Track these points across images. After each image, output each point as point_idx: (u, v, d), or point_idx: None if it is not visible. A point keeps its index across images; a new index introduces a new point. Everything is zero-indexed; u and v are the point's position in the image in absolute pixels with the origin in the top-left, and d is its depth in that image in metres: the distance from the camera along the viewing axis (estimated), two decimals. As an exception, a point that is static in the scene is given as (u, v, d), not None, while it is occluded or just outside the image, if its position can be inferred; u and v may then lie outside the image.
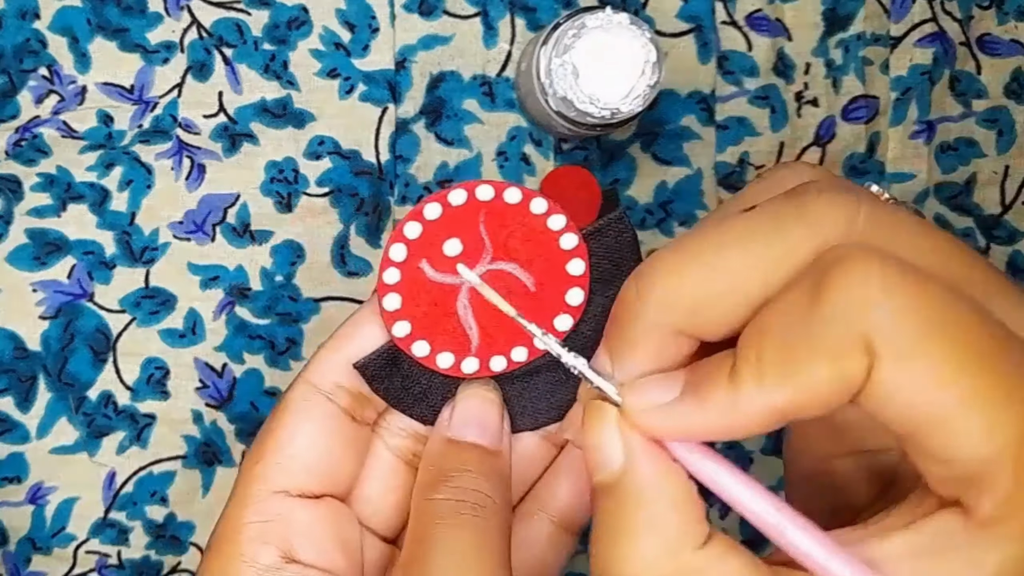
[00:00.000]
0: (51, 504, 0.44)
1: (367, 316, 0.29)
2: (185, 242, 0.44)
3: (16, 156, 0.43)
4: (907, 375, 0.20)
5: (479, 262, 0.28)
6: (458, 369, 0.29)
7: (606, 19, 0.38)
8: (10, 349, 0.43)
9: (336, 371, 0.29)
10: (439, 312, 0.28)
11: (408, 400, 0.29)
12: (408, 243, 0.27)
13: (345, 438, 0.29)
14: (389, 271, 0.28)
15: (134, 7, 0.43)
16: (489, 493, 0.27)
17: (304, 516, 0.28)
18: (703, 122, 0.45)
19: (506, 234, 0.28)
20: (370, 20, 0.44)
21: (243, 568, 0.27)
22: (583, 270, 0.28)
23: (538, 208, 0.28)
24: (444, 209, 0.27)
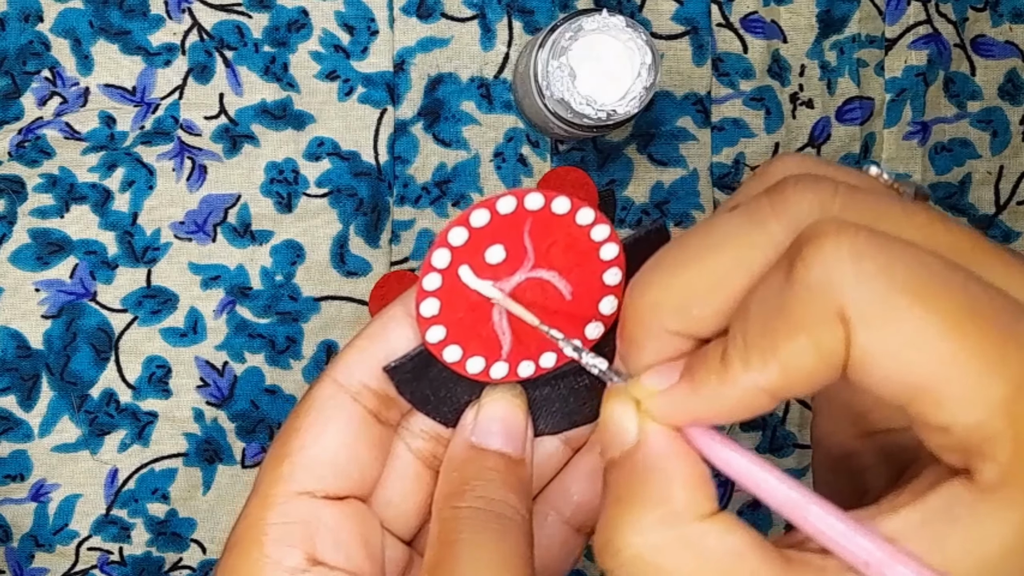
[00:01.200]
0: (53, 501, 0.44)
1: (396, 317, 0.28)
2: (186, 242, 0.44)
3: (19, 157, 0.43)
4: (885, 342, 0.20)
5: (519, 269, 0.28)
6: (487, 374, 0.28)
7: (602, 21, 0.38)
8: (13, 348, 0.44)
9: (363, 371, 0.28)
10: (475, 318, 0.28)
11: (433, 403, 0.29)
12: (452, 249, 0.27)
13: (370, 439, 0.28)
14: (430, 276, 0.27)
15: (136, 10, 0.44)
16: (514, 504, 0.27)
17: (329, 518, 0.27)
18: (699, 123, 0.45)
19: (549, 243, 0.28)
20: (369, 23, 0.44)
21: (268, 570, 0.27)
22: (619, 280, 0.28)
23: (584, 219, 0.28)
24: (492, 216, 0.27)
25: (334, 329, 0.45)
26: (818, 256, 0.20)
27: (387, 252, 0.45)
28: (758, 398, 0.22)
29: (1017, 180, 0.46)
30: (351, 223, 0.44)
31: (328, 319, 0.44)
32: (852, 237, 0.20)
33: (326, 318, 0.44)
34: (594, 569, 0.46)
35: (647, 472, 0.23)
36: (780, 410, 0.47)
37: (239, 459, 0.45)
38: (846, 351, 0.20)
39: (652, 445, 0.23)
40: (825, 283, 0.20)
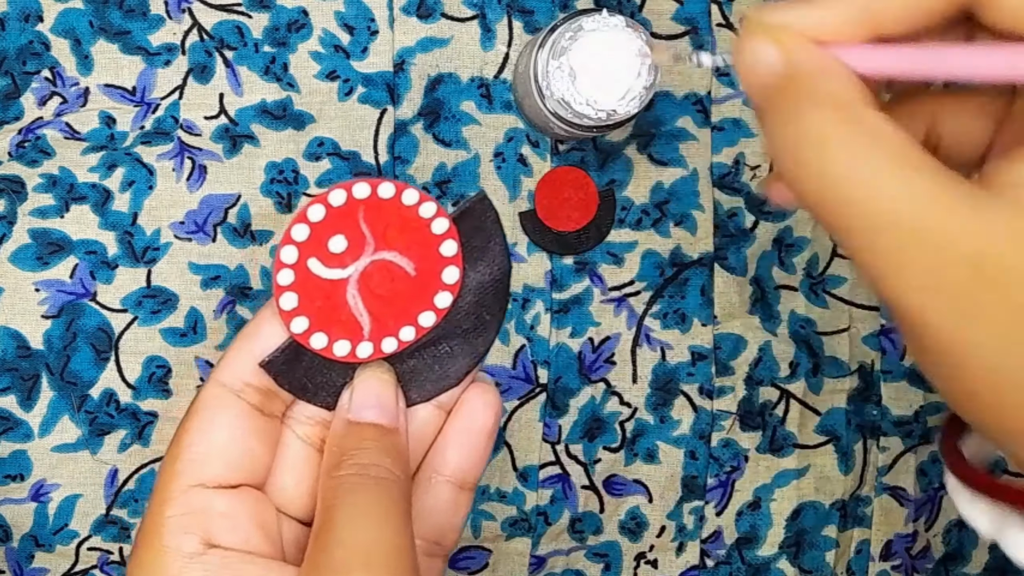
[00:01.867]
0: (53, 501, 0.44)
1: (267, 315, 0.31)
2: (186, 242, 0.44)
3: (19, 157, 0.43)
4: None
5: (363, 254, 0.30)
6: (354, 355, 0.31)
7: (603, 21, 0.38)
8: (13, 348, 0.44)
9: (243, 370, 0.30)
10: (332, 305, 0.30)
11: (312, 390, 0.31)
12: (297, 245, 0.30)
13: (257, 431, 0.31)
14: (283, 272, 0.30)
15: (136, 10, 0.44)
16: (390, 467, 0.29)
17: (222, 505, 0.30)
18: (699, 123, 0.45)
19: (384, 226, 0.30)
20: (369, 23, 0.44)
21: (168, 558, 0.29)
22: (456, 250, 0.31)
23: (410, 199, 0.30)
24: (327, 209, 0.30)
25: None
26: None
27: (387, 252, 0.45)
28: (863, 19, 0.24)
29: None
30: (351, 223, 0.44)
31: (328, 319, 0.44)
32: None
33: (326, 318, 0.44)
34: (594, 569, 0.47)
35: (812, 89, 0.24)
36: (780, 410, 0.47)
37: (239, 459, 0.45)
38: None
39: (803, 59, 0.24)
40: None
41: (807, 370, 0.47)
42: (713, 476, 0.47)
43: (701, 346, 0.46)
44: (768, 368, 0.47)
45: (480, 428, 0.32)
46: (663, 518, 0.47)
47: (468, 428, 0.32)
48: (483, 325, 0.32)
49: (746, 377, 0.47)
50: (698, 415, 0.46)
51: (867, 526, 0.48)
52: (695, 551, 0.47)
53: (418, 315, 0.31)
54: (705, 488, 0.47)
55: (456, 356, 0.32)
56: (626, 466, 0.46)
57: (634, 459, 0.46)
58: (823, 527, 0.48)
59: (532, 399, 0.45)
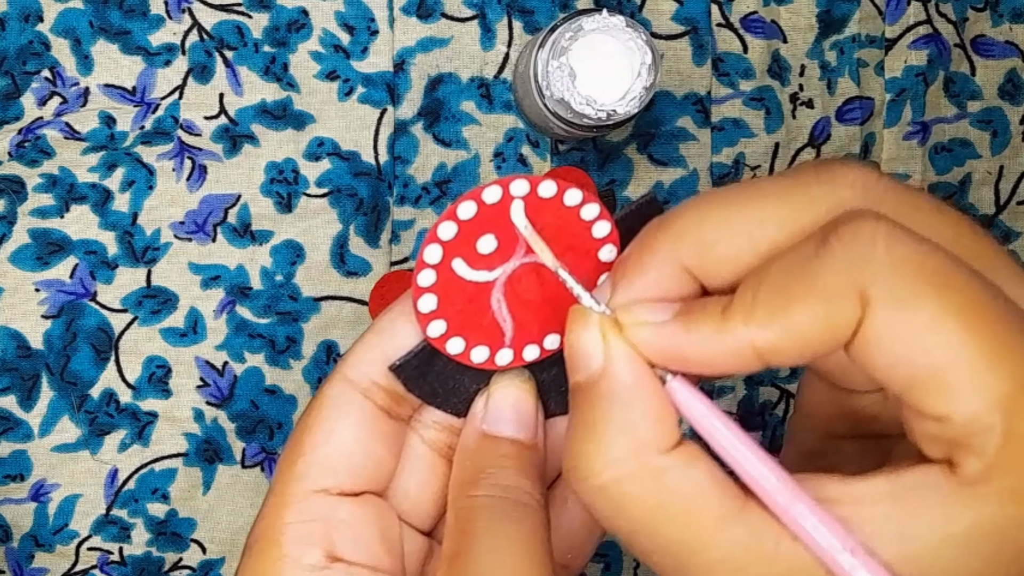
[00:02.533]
0: (53, 501, 0.44)
1: (402, 312, 0.29)
2: (186, 242, 0.44)
3: (19, 157, 0.43)
4: (900, 324, 0.21)
5: (513, 256, 0.28)
6: (493, 362, 0.29)
7: (603, 21, 0.38)
8: (13, 348, 0.44)
9: (372, 369, 0.28)
10: (473, 309, 0.28)
11: (443, 396, 0.29)
12: (443, 244, 0.27)
13: (382, 435, 0.29)
14: (424, 273, 0.27)
15: (136, 9, 0.44)
16: (530, 491, 0.27)
17: (346, 514, 0.28)
18: (699, 124, 0.45)
19: (539, 227, 0.28)
20: (369, 23, 0.44)
21: (288, 568, 0.27)
22: (615, 255, 0.28)
23: (572, 200, 0.28)
24: (479, 207, 0.27)
25: (334, 329, 0.45)
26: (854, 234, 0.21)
27: (387, 252, 0.45)
28: (746, 356, 0.22)
29: (1017, 180, 0.46)
30: (351, 223, 0.44)
31: (328, 319, 0.44)
32: (888, 229, 0.21)
33: (326, 318, 0.44)
34: (594, 569, 0.47)
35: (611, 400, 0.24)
36: (780, 410, 0.47)
37: (239, 459, 0.45)
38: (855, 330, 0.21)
39: (617, 373, 0.24)
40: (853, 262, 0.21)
41: (807, 370, 0.47)
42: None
43: (701, 346, 0.46)
44: (768, 368, 0.47)
45: None
46: (663, 518, 0.47)
47: None
48: None
49: (746, 377, 0.46)
50: (698, 415, 0.46)
51: (867, 526, 0.48)
52: (695, 551, 0.47)
53: None
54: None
55: None
56: (626, 466, 0.46)
57: (634, 459, 0.46)
58: (823, 527, 0.47)
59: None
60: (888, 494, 0.22)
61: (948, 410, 0.21)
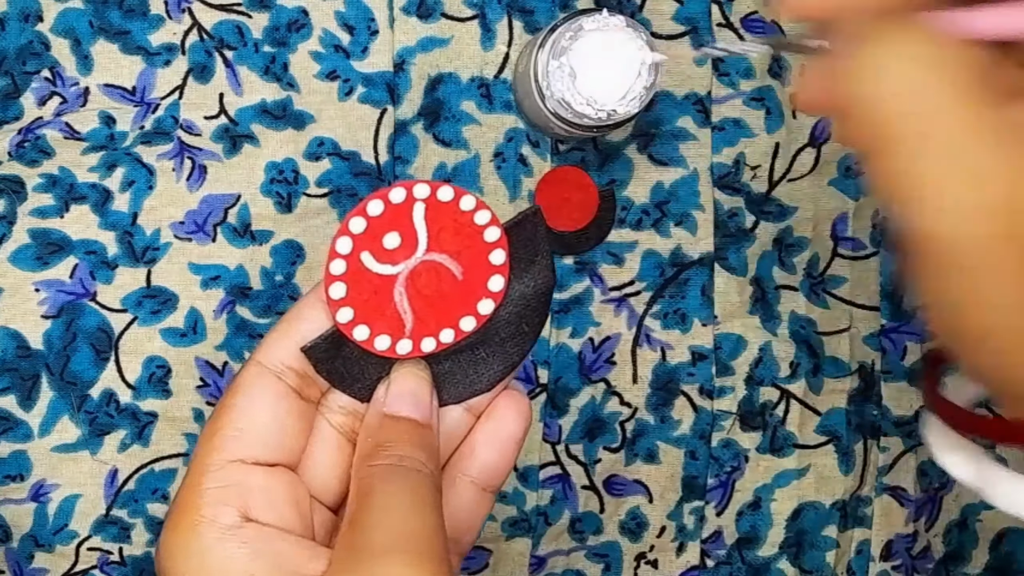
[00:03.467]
0: (53, 502, 0.44)
1: (312, 302, 0.31)
2: (186, 242, 0.44)
3: (19, 157, 0.43)
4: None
5: (414, 253, 0.31)
6: (394, 351, 0.32)
7: (603, 21, 0.38)
8: (13, 348, 0.44)
9: (285, 353, 0.31)
10: (379, 299, 0.31)
11: (348, 380, 0.32)
12: (353, 237, 0.30)
13: (294, 412, 0.31)
14: (335, 262, 0.30)
15: (136, 9, 0.44)
16: (424, 460, 0.30)
17: (260, 481, 0.30)
18: (699, 123, 0.45)
19: (438, 228, 0.31)
20: (369, 23, 0.44)
21: (205, 528, 0.29)
22: (504, 259, 0.31)
23: (467, 205, 0.31)
24: (385, 206, 0.30)
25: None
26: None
27: (387, 252, 0.45)
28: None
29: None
30: (351, 223, 0.44)
31: (328, 319, 0.44)
32: None
33: (326, 318, 0.44)
34: (595, 569, 0.47)
35: None
36: (780, 410, 0.47)
37: (239, 459, 0.45)
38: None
39: None
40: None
41: (807, 370, 0.47)
42: (713, 476, 0.47)
43: (701, 346, 0.46)
44: (768, 368, 0.47)
45: (509, 435, 0.33)
46: (663, 518, 0.47)
47: (497, 433, 0.33)
48: (521, 335, 0.32)
49: (746, 377, 0.46)
50: (698, 415, 0.46)
51: (867, 526, 0.48)
52: (695, 551, 0.47)
53: (460, 319, 0.32)
54: (705, 488, 0.47)
55: (491, 362, 0.33)
56: (626, 466, 0.46)
57: (634, 459, 0.46)
58: (823, 527, 0.47)
59: (532, 399, 0.45)
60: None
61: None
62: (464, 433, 0.33)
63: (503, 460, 0.33)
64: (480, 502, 0.33)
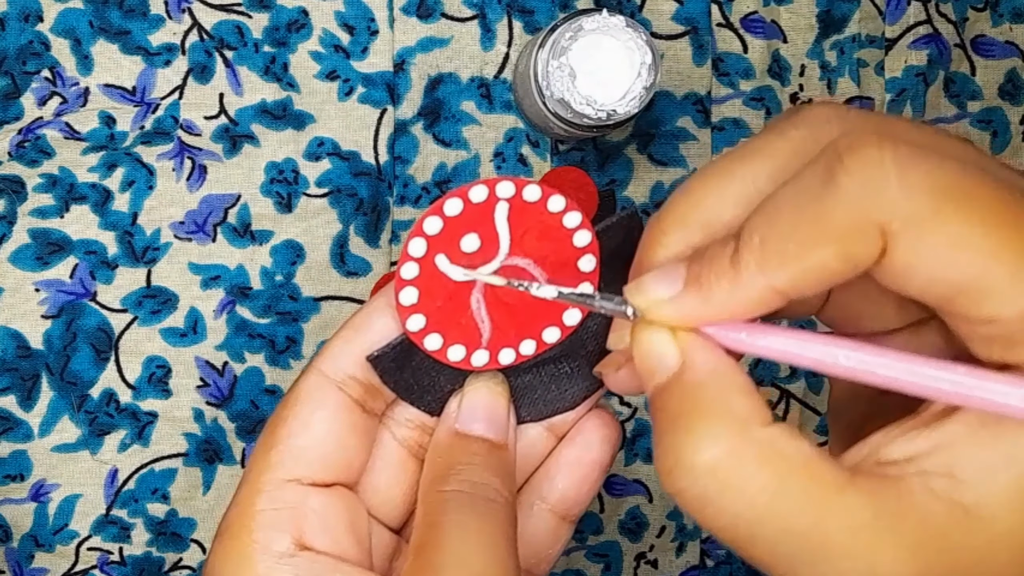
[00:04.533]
0: (53, 501, 0.44)
1: (379, 307, 0.29)
2: (186, 242, 0.44)
3: (19, 157, 0.43)
4: (928, 247, 0.21)
5: (495, 257, 0.28)
6: (468, 362, 0.29)
7: (603, 21, 0.38)
8: (13, 348, 0.44)
9: (348, 362, 0.29)
10: (453, 306, 0.28)
11: (417, 392, 0.29)
12: (428, 238, 0.28)
13: (356, 428, 0.29)
14: (407, 265, 0.28)
15: (136, 10, 0.44)
16: (499, 488, 0.28)
17: (317, 504, 0.28)
18: (699, 124, 0.45)
19: (523, 230, 0.28)
20: (369, 23, 0.44)
21: (256, 555, 0.27)
22: (594, 266, 0.29)
23: (555, 206, 0.28)
24: (464, 205, 0.27)
25: (334, 329, 0.44)
26: (861, 165, 0.21)
27: (387, 252, 0.45)
28: (770, 298, 0.22)
29: (1017, 180, 0.46)
30: (351, 223, 0.44)
31: (328, 319, 0.44)
32: (894, 148, 0.21)
33: (326, 318, 0.44)
34: (594, 569, 0.47)
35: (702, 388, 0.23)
36: (780, 410, 0.47)
37: (239, 459, 0.45)
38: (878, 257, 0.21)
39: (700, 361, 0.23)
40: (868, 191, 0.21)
41: (807, 370, 0.47)
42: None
43: (701, 346, 0.46)
44: (768, 368, 0.47)
45: (594, 460, 0.30)
46: (663, 518, 0.47)
47: (580, 458, 0.30)
48: (609, 351, 0.29)
49: (746, 377, 0.46)
50: (698, 415, 0.46)
51: (867, 526, 0.48)
52: (695, 551, 0.47)
53: (543, 329, 0.29)
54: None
55: (575, 378, 0.30)
56: (626, 466, 0.46)
57: (634, 459, 0.46)
58: (823, 527, 0.47)
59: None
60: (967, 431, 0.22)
61: (995, 312, 0.21)
62: (543, 455, 0.31)
63: (586, 488, 0.30)
64: (557, 531, 0.30)
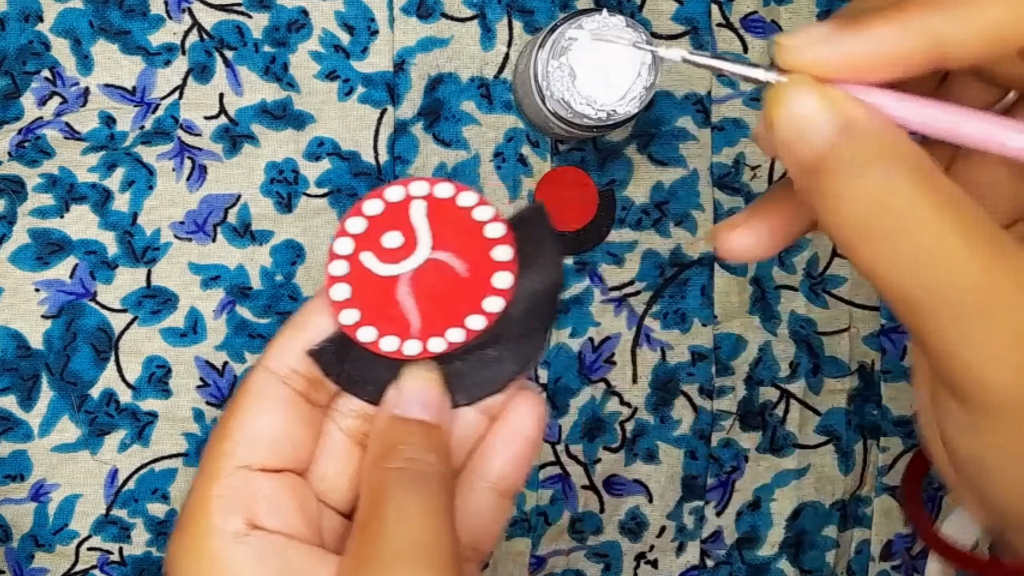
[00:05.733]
0: (53, 501, 0.44)
1: (318, 305, 0.31)
2: (186, 242, 0.44)
3: (19, 157, 0.43)
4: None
5: (416, 252, 0.30)
6: (401, 352, 0.31)
7: (603, 21, 0.38)
8: (13, 348, 0.44)
9: (291, 357, 0.31)
10: (383, 300, 0.31)
11: (357, 383, 0.32)
12: (353, 237, 0.30)
13: (301, 418, 0.31)
14: (336, 263, 0.30)
15: (136, 10, 0.44)
16: (434, 463, 0.29)
17: (266, 488, 0.30)
18: (699, 123, 0.45)
19: (440, 225, 0.30)
20: (369, 23, 0.44)
21: (214, 536, 0.29)
22: (510, 256, 0.31)
23: (466, 201, 0.30)
24: (384, 205, 0.30)
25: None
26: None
27: (387, 252, 0.45)
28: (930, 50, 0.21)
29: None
30: (351, 223, 0.44)
31: (328, 319, 0.44)
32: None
33: (326, 318, 0.44)
34: (594, 569, 0.47)
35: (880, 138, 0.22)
36: (781, 410, 0.47)
37: (239, 459, 0.45)
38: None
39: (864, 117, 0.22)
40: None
41: (807, 370, 0.47)
42: (713, 476, 0.47)
43: (701, 346, 0.46)
44: (768, 368, 0.47)
45: (525, 436, 0.32)
46: (663, 518, 0.47)
47: (513, 436, 0.32)
48: (531, 333, 0.32)
49: (746, 377, 0.46)
50: (698, 415, 0.46)
51: (867, 526, 0.48)
52: (695, 551, 0.47)
53: (467, 318, 0.31)
54: (705, 488, 0.47)
55: (503, 362, 0.32)
56: (626, 466, 0.46)
57: (634, 459, 0.46)
58: (823, 527, 0.47)
59: (532, 399, 0.45)
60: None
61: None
62: (477, 436, 0.33)
63: (521, 463, 0.32)
64: (498, 508, 0.32)
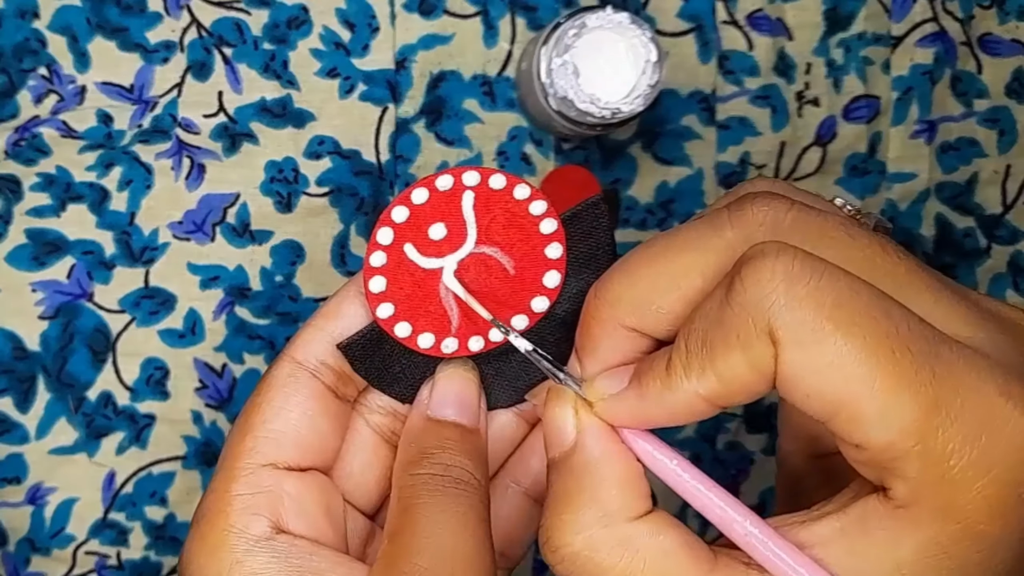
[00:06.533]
0: (50, 505, 0.44)
1: (351, 295, 0.30)
2: (185, 242, 0.44)
3: (15, 156, 0.43)
4: (808, 361, 0.22)
5: (462, 245, 0.29)
6: (438, 349, 0.29)
7: (607, 18, 0.38)
8: (9, 349, 0.43)
9: (320, 349, 0.29)
10: (421, 294, 0.29)
11: (388, 380, 0.30)
12: (395, 227, 0.28)
13: (329, 413, 0.30)
14: (376, 254, 0.28)
15: (134, 6, 0.43)
16: (470, 470, 0.28)
17: (292, 488, 0.29)
18: (704, 122, 0.45)
19: (489, 219, 0.29)
20: (370, 20, 0.44)
21: (234, 539, 0.28)
22: (560, 254, 0.29)
23: (521, 194, 0.29)
24: (431, 194, 0.28)
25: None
26: (753, 277, 0.22)
27: (388, 252, 0.44)
28: (698, 404, 0.24)
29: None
30: (352, 223, 0.44)
31: (329, 320, 0.44)
32: (787, 260, 0.22)
33: (326, 319, 0.44)
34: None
35: (583, 472, 0.25)
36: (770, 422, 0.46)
37: (238, 462, 0.44)
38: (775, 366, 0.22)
39: (588, 446, 0.25)
40: (757, 303, 0.22)
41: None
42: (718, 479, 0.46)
43: (706, 347, 0.46)
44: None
45: None
46: (667, 521, 0.46)
47: None
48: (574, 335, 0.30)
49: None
50: (703, 417, 0.46)
51: (873, 529, 0.47)
52: (700, 554, 0.47)
53: (511, 317, 0.29)
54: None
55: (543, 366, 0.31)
56: (630, 468, 0.46)
57: (638, 461, 0.46)
58: (829, 530, 0.47)
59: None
60: (840, 531, 0.23)
61: (864, 439, 0.22)
62: (516, 440, 0.32)
63: None
64: (532, 513, 0.31)
